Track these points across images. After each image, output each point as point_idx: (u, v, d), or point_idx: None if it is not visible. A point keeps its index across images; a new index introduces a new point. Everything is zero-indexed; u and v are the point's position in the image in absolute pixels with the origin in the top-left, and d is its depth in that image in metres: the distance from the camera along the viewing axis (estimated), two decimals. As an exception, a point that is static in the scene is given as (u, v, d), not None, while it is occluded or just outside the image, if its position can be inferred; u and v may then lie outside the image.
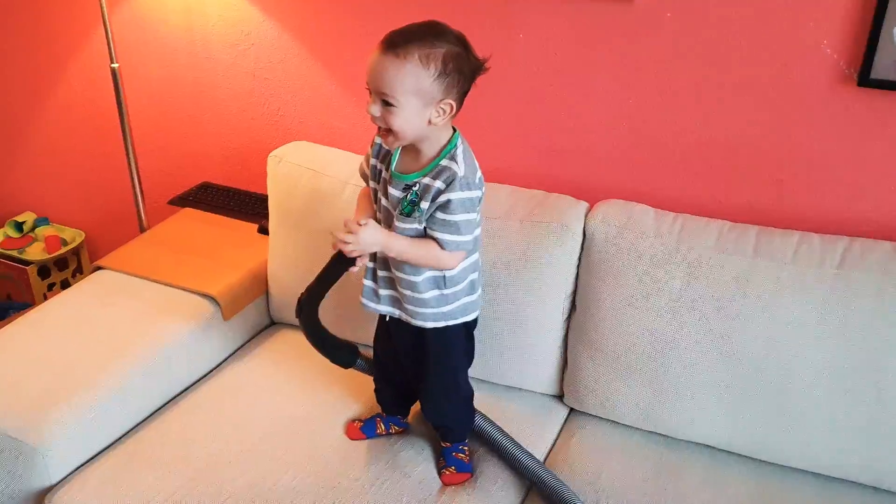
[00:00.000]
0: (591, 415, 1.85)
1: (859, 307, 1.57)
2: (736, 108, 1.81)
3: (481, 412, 1.73)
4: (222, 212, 2.36)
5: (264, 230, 2.18)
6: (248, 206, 2.38)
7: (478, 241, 1.54)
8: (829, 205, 1.81)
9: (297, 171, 2.00)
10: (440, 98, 1.37)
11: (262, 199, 2.21)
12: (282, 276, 2.07)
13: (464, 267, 1.52)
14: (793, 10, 1.69)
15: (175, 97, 2.50)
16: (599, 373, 1.78)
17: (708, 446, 1.75)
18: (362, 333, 1.82)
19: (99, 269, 2.13)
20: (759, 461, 1.71)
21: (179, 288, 2.02)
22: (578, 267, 1.80)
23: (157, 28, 2.41)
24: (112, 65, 2.28)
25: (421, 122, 1.38)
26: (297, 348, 1.89)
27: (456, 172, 1.41)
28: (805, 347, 1.60)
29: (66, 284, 2.83)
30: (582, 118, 1.98)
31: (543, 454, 1.76)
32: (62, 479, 1.65)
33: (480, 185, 1.47)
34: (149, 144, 2.58)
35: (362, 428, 1.75)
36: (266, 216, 2.12)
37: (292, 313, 1.61)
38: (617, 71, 1.89)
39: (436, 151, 1.44)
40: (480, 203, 1.49)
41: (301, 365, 1.92)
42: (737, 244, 1.68)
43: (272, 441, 1.72)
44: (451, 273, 1.50)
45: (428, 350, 1.59)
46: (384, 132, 1.42)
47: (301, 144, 2.12)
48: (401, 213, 1.46)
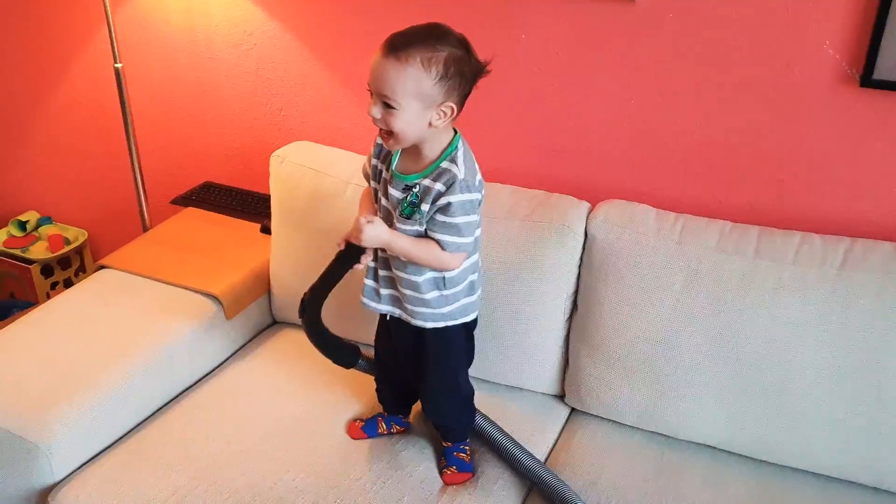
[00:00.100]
0: (592, 415, 1.85)
1: (860, 307, 1.57)
2: (737, 108, 1.81)
3: (482, 412, 1.73)
4: (225, 211, 2.36)
5: (266, 230, 2.19)
6: (251, 205, 2.38)
7: (478, 242, 1.54)
8: (829, 205, 1.81)
9: (299, 171, 2.00)
10: (441, 101, 1.37)
11: (264, 199, 2.22)
12: (284, 275, 2.07)
13: (464, 268, 1.52)
14: (794, 11, 1.69)
15: (178, 97, 2.50)
16: (600, 373, 1.78)
17: (708, 446, 1.75)
18: (363, 333, 1.82)
19: (102, 268, 2.14)
20: (760, 461, 1.71)
21: (182, 287, 2.02)
22: (580, 267, 1.80)
23: (160, 28, 2.41)
24: (115, 65, 2.29)
25: (421, 125, 1.38)
26: (299, 348, 1.89)
27: (456, 175, 1.41)
28: (806, 348, 1.60)
29: (69, 283, 2.83)
30: (583, 118, 1.98)
31: (544, 454, 1.77)
32: (65, 477, 1.66)
33: (480, 187, 1.48)
34: (151, 144, 2.59)
35: (364, 427, 1.75)
36: (268, 216, 2.13)
37: (294, 313, 1.62)
38: (618, 71, 1.89)
39: (436, 153, 1.44)
40: (480, 205, 1.49)
41: (303, 365, 1.92)
42: (738, 245, 1.68)
43: (273, 440, 1.72)
44: (451, 274, 1.51)
45: (427, 350, 1.59)
46: (385, 134, 1.42)
47: (303, 144, 2.12)
48: (401, 215, 1.46)
